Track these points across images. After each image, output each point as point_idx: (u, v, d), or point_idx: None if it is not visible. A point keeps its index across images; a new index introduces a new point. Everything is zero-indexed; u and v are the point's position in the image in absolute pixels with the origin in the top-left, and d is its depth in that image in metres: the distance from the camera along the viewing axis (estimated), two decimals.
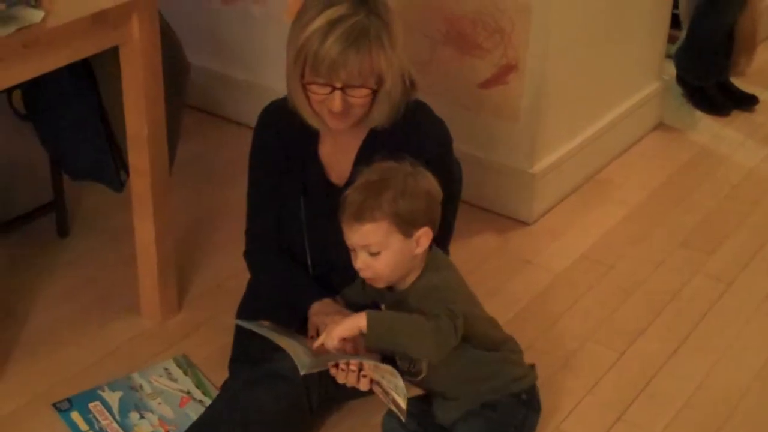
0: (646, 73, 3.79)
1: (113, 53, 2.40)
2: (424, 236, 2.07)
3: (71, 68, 2.47)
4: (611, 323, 2.80)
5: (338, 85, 2.13)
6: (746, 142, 3.88)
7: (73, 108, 2.75)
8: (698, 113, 4.08)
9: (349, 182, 2.31)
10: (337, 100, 2.14)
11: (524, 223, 3.23)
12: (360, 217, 2.03)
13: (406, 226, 2.05)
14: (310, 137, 2.33)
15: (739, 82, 4.19)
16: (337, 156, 2.34)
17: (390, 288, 2.14)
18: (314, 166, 2.35)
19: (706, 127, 3.98)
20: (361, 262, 2.08)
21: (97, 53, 2.36)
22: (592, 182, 3.51)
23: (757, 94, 4.16)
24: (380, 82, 2.16)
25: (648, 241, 3.21)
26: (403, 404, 2.02)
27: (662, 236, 3.23)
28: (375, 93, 2.17)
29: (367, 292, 2.22)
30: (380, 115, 2.22)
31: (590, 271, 3.03)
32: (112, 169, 2.77)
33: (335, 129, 2.24)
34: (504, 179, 3.23)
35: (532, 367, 2.28)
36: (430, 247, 2.12)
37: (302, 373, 2.00)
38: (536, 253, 3.10)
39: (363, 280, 2.21)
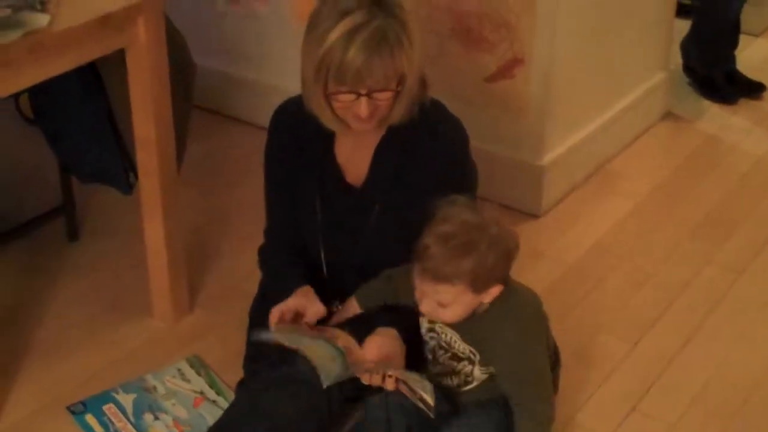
0: (652, 63, 3.78)
1: (120, 56, 2.40)
2: (495, 291, 2.08)
3: (78, 71, 2.47)
4: (624, 314, 2.80)
5: (363, 91, 2.11)
6: (754, 130, 3.87)
7: (80, 111, 2.75)
8: (705, 102, 4.07)
9: (366, 183, 2.31)
10: (363, 106, 2.13)
11: (534, 216, 3.23)
12: (438, 277, 2.01)
13: (481, 287, 2.05)
14: (326, 138, 2.32)
15: (746, 70, 4.18)
16: (354, 157, 2.34)
17: None
18: (331, 167, 2.34)
19: (714, 116, 3.97)
20: (428, 307, 2.08)
21: (104, 56, 2.36)
22: (601, 173, 3.51)
23: (764, 81, 4.14)
24: (402, 81, 2.15)
25: (658, 231, 3.20)
26: (431, 401, 2.03)
27: (672, 226, 3.23)
28: (398, 93, 2.17)
29: (403, 294, 2.22)
30: (398, 113, 2.22)
31: (601, 263, 3.03)
32: (120, 171, 2.77)
33: (360, 130, 2.23)
34: (513, 172, 3.22)
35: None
36: None
37: (325, 386, 2.01)
38: (547, 246, 3.09)
39: (396, 280, 2.24)
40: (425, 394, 2.03)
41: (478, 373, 2.16)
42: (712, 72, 4.11)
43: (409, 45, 2.12)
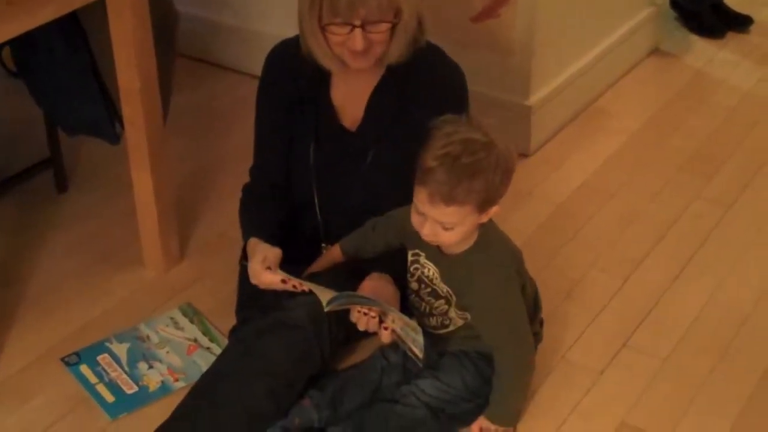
0: None
1: (101, 5, 2.38)
2: (494, 211, 2.08)
3: (60, 23, 2.45)
4: (613, 251, 2.81)
5: (357, 23, 2.10)
6: (742, 63, 3.87)
7: (64, 63, 2.73)
8: (693, 37, 4.05)
9: (361, 127, 2.31)
10: (357, 38, 2.12)
11: (523, 155, 3.22)
12: (450, 199, 1.98)
13: (485, 206, 2.04)
14: (323, 80, 2.31)
15: (732, 3, 4.16)
16: (350, 100, 2.33)
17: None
18: (327, 110, 2.33)
19: (702, 51, 3.96)
20: (430, 230, 2.05)
21: (85, 6, 2.34)
22: (589, 111, 3.50)
23: (751, 15, 4.13)
24: (398, 14, 2.14)
25: (646, 168, 3.20)
26: (420, 355, 2.07)
27: (660, 163, 3.23)
28: (394, 27, 2.15)
29: (391, 237, 2.22)
30: (396, 51, 2.21)
31: (590, 201, 3.03)
32: (106, 122, 2.76)
33: (357, 68, 2.21)
34: (500, 112, 3.21)
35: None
36: None
37: (326, 309, 2.03)
38: (536, 185, 3.10)
39: (379, 228, 2.24)
40: (415, 348, 2.06)
41: (454, 316, 2.18)
42: (698, 6, 4.08)
43: None
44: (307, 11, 2.15)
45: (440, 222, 2.03)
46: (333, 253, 2.33)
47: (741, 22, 4.11)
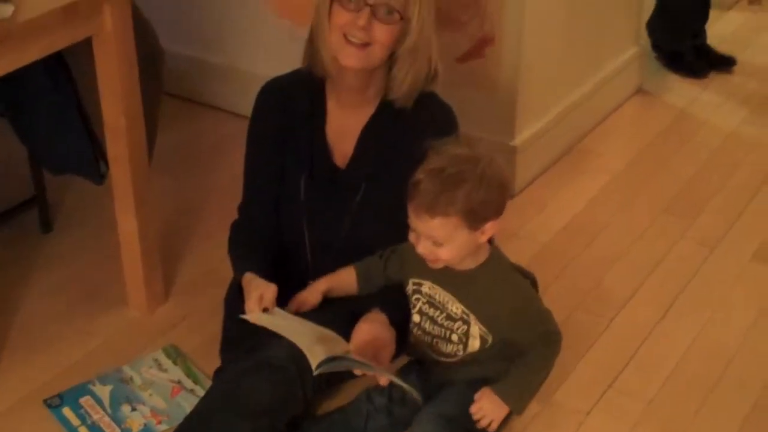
0: (623, 39, 3.78)
1: (87, 44, 2.38)
2: (491, 228, 2.09)
3: (45, 61, 2.45)
4: (599, 292, 2.81)
5: (371, 1, 2.14)
6: (725, 104, 3.89)
7: (49, 102, 2.73)
8: (676, 77, 4.08)
9: (351, 164, 2.31)
10: (364, 16, 2.14)
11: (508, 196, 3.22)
12: (432, 210, 2.01)
13: (476, 220, 2.05)
14: (316, 116, 2.32)
15: (716, 44, 4.20)
16: (342, 136, 2.33)
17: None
18: (319, 145, 2.33)
19: (685, 91, 3.98)
20: (424, 248, 2.08)
21: (70, 45, 2.34)
22: (574, 151, 3.52)
23: (735, 55, 4.16)
24: (407, 23, 2.17)
25: (631, 208, 3.21)
26: (418, 397, 2.11)
27: (645, 203, 3.24)
28: (397, 45, 2.19)
29: (409, 267, 2.22)
30: (400, 84, 2.23)
31: (575, 241, 3.03)
32: (91, 161, 2.75)
33: (349, 66, 2.21)
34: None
35: None
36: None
37: (315, 373, 2.01)
38: (521, 225, 3.10)
39: (387, 259, 2.24)
40: (412, 390, 2.09)
41: (476, 333, 2.17)
42: (680, 47, 4.11)
43: (423, 0, 2.18)
44: None
45: (430, 236, 2.05)
46: (346, 276, 2.32)
47: (724, 63, 4.14)
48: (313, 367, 2.00)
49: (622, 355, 2.57)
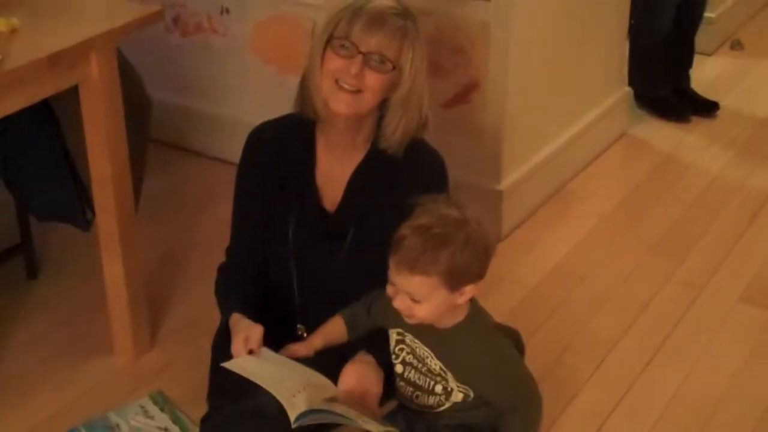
0: (607, 84, 3.81)
1: (73, 92, 2.39)
2: (470, 291, 2.07)
3: (31, 109, 2.46)
4: (586, 335, 2.81)
5: (363, 49, 2.14)
6: (710, 148, 3.92)
7: (35, 150, 2.73)
8: (660, 122, 4.11)
9: (340, 208, 2.31)
10: (356, 64, 2.14)
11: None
12: (414, 267, 2.00)
13: (456, 283, 2.04)
14: (307, 159, 2.32)
15: (699, 89, 4.23)
16: (331, 181, 2.33)
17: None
18: (308, 189, 2.34)
19: (670, 135, 4.01)
20: (401, 303, 2.06)
21: (57, 93, 2.35)
22: (560, 195, 3.53)
23: (717, 100, 4.19)
24: (399, 73, 2.18)
25: (618, 251, 3.22)
26: None
27: (631, 246, 3.25)
28: (388, 92, 2.19)
29: (389, 317, 2.20)
30: (391, 134, 2.23)
31: (562, 284, 3.04)
32: (77, 208, 2.76)
33: (338, 112, 2.22)
34: (472, 197, 3.19)
35: None
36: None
37: (294, 426, 1.99)
38: (508, 270, 3.10)
39: (370, 305, 2.23)
40: None
41: (454, 388, 2.16)
42: (662, 92, 4.14)
43: (420, 56, 2.19)
44: (322, 28, 2.19)
45: (408, 292, 2.03)
46: (335, 326, 2.31)
47: (707, 108, 4.18)
48: (292, 420, 1.99)
49: (610, 400, 2.56)
